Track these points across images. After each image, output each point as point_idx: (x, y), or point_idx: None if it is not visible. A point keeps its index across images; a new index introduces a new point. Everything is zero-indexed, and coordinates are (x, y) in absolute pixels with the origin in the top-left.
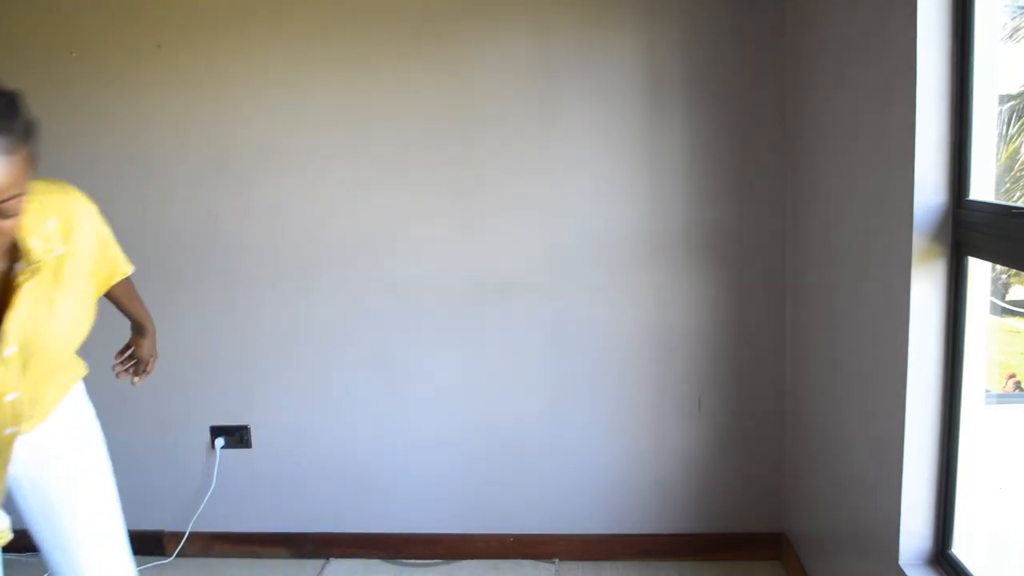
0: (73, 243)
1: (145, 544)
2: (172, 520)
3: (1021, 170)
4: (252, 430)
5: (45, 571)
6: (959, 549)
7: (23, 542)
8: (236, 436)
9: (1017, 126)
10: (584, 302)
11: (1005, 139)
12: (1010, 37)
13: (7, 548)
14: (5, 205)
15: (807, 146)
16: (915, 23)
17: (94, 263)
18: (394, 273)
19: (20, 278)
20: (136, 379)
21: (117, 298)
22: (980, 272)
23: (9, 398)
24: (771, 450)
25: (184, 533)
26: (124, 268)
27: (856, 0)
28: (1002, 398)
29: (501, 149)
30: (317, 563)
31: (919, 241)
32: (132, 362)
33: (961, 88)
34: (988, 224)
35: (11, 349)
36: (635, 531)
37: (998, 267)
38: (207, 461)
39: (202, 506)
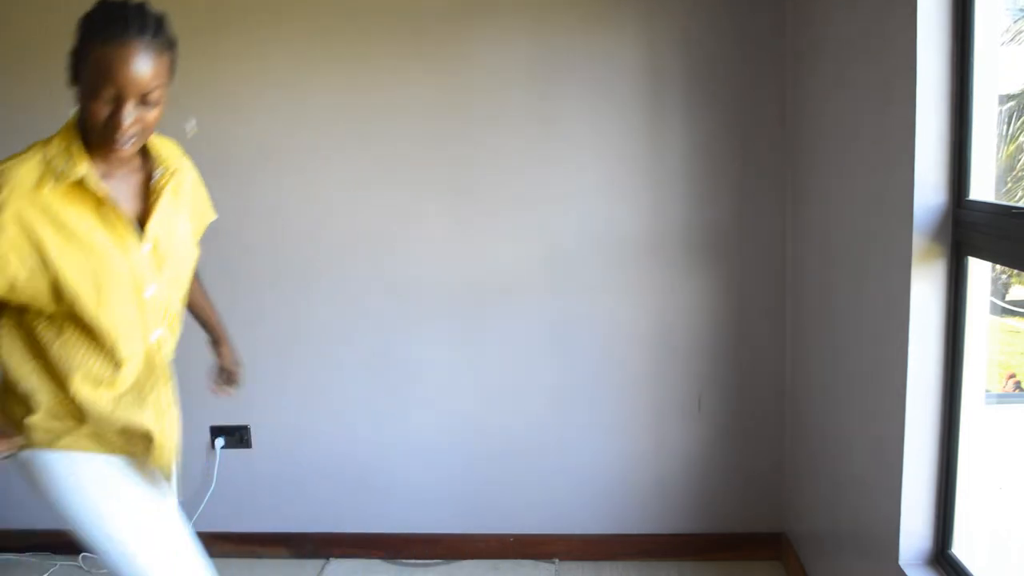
0: (181, 168)
1: None
2: None
3: (1022, 170)
4: (252, 430)
5: (45, 571)
6: (959, 549)
7: (22, 542)
8: (236, 436)
9: (1017, 124)
10: (584, 302)
11: (1005, 139)
12: (1011, 40)
13: (6, 548)
14: (152, 95)
15: (807, 146)
16: (915, 23)
17: (194, 196)
18: (394, 273)
19: (161, 182)
20: (230, 390)
21: (194, 297)
22: (980, 272)
23: (149, 292)
24: (771, 450)
25: None
26: (212, 211)
27: (856, 0)
28: (1002, 398)
29: (501, 149)
30: (317, 563)
31: (919, 241)
32: (222, 376)
33: (961, 88)
34: (988, 224)
35: (148, 246)
36: (635, 531)
37: (998, 267)
38: (207, 461)
39: (202, 506)
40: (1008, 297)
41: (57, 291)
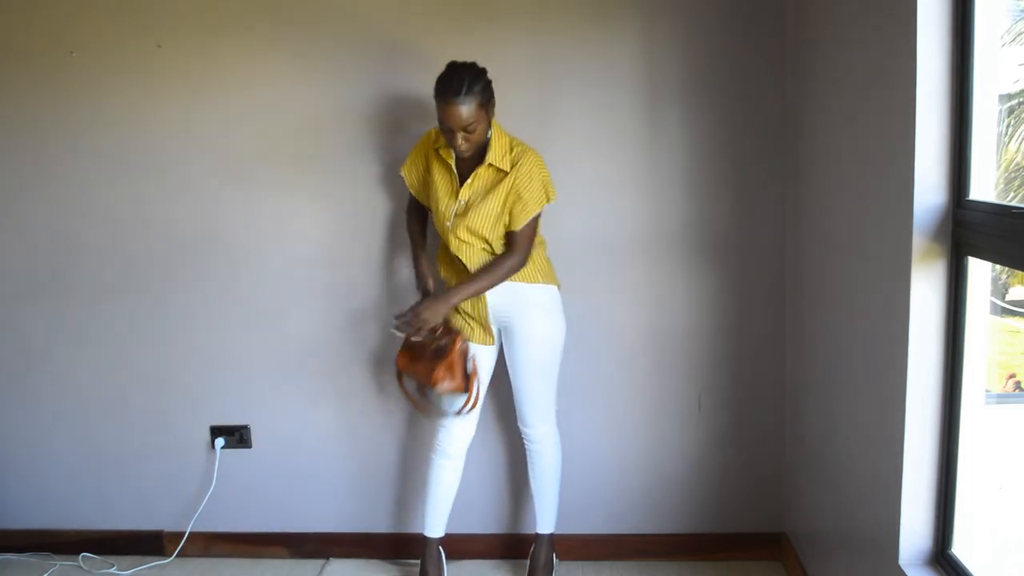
0: (512, 171)
1: (145, 544)
2: (172, 520)
3: (1020, 170)
4: (252, 430)
5: (45, 571)
6: (959, 549)
7: (22, 542)
8: (236, 436)
9: (1013, 119)
10: (584, 302)
11: (1006, 139)
12: (1012, 41)
13: (6, 548)
14: (467, 131)
15: (807, 146)
16: (915, 23)
17: (510, 194)
18: (394, 274)
19: (479, 169)
20: (398, 322)
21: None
22: (980, 272)
23: (449, 223)
24: (771, 450)
25: (184, 533)
26: (534, 203)
27: (856, 0)
28: (1002, 398)
29: None
30: (317, 563)
31: (919, 241)
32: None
33: (961, 88)
34: (988, 224)
35: (462, 202)
36: (635, 531)
37: (998, 267)
38: (207, 461)
39: (202, 506)
40: (1008, 297)
41: (427, 198)
